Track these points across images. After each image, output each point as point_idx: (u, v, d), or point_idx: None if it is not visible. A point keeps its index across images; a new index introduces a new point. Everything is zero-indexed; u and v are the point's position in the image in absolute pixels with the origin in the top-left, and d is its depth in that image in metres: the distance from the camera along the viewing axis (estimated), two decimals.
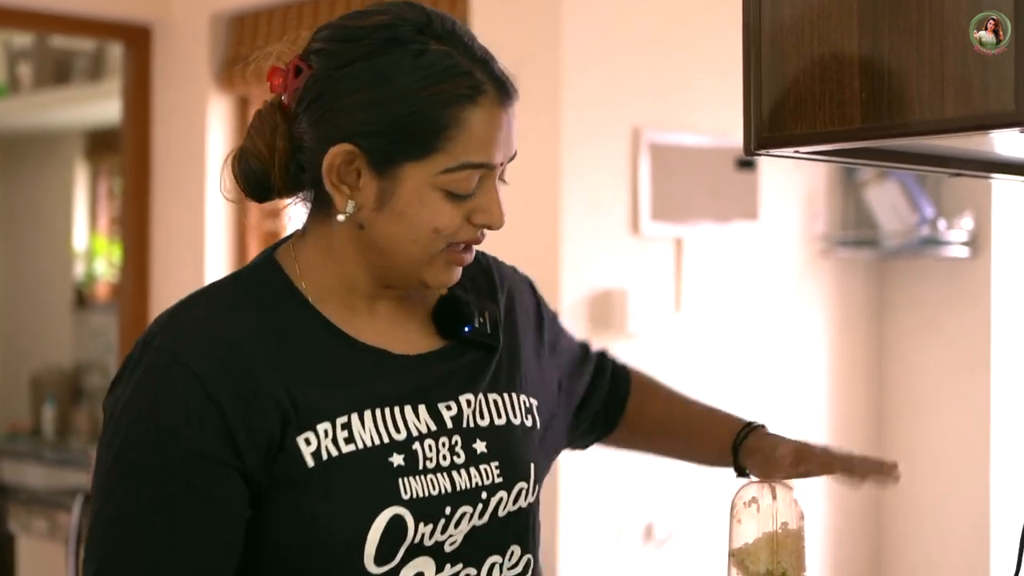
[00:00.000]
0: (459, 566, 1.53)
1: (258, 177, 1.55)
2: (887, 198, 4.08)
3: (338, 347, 1.53)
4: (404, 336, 1.58)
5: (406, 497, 1.48)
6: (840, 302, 4.21)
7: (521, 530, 1.60)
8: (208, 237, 4.60)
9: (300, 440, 1.46)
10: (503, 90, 1.50)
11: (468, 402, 1.58)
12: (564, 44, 3.56)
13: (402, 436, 1.51)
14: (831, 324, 4.19)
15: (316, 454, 1.46)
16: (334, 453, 1.46)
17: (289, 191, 1.57)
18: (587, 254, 3.59)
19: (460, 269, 1.56)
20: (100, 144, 6.61)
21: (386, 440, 1.50)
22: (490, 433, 1.58)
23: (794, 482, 1.76)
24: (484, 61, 1.50)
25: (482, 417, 1.58)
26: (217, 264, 4.60)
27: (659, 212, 3.70)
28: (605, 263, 3.63)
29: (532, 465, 1.62)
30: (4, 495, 5.64)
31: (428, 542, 1.50)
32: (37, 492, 5.40)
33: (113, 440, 1.46)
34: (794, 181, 4.07)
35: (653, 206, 3.69)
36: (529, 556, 1.62)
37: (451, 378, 1.58)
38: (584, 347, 1.90)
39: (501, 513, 1.57)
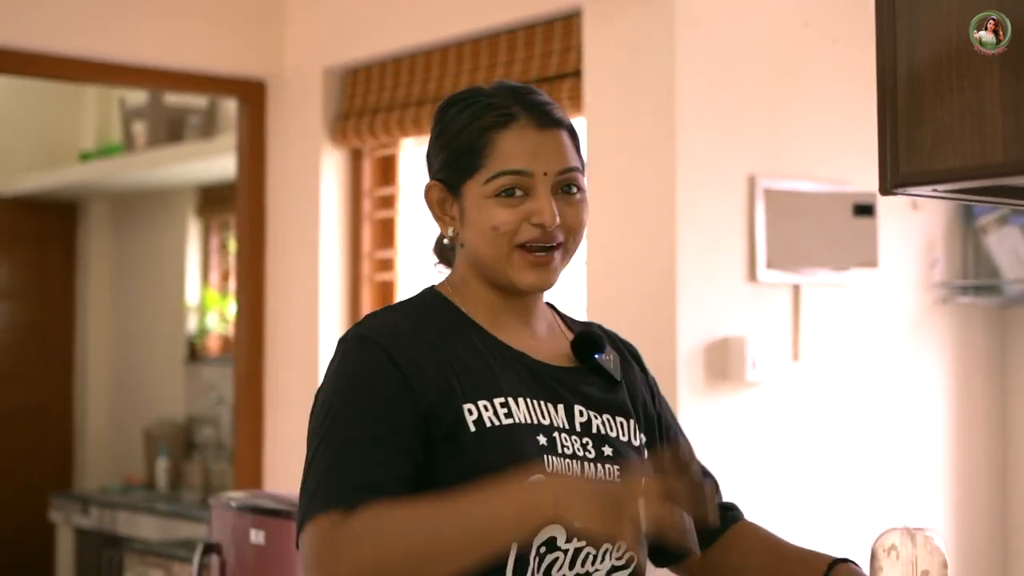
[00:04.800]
0: (583, 543, 1.78)
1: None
2: (1008, 243, 4.00)
3: (490, 346, 1.85)
4: (545, 351, 1.90)
5: (549, 469, 1.76)
6: (960, 350, 4.13)
7: None
8: (322, 289, 4.63)
9: (464, 408, 1.76)
10: (538, 116, 1.85)
11: (596, 415, 1.87)
12: (678, 93, 3.54)
13: (547, 423, 1.81)
14: (951, 372, 4.11)
15: (478, 422, 1.76)
16: (496, 423, 1.76)
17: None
18: (703, 302, 3.56)
19: (548, 273, 1.85)
20: (212, 200, 6.71)
21: (535, 422, 1.80)
22: (616, 443, 1.88)
23: (936, 528, 1.71)
24: (523, 96, 1.86)
25: (611, 430, 1.88)
26: (331, 316, 4.63)
27: (775, 260, 3.66)
28: (722, 311, 3.59)
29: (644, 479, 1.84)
30: (120, 546, 5.70)
31: None
32: (151, 543, 5.44)
33: (323, 402, 1.77)
34: (912, 227, 4.01)
35: (769, 253, 3.65)
36: (633, 554, 1.85)
37: (583, 390, 1.89)
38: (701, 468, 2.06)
39: None
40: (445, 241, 1.93)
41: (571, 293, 4.06)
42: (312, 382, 4.62)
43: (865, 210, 3.78)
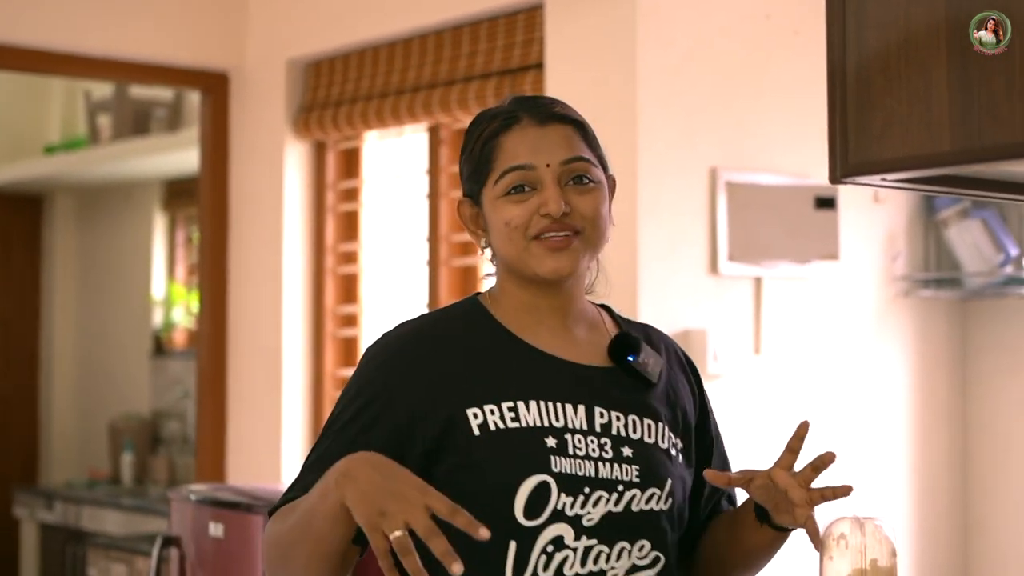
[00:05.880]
0: (593, 540, 1.82)
1: None
2: (969, 237, 4.02)
3: (514, 349, 1.90)
4: (579, 351, 1.93)
5: (556, 470, 1.81)
6: (922, 343, 4.15)
7: (653, 529, 1.87)
8: (285, 282, 4.61)
9: (469, 413, 1.82)
10: (539, 113, 1.91)
11: (619, 416, 1.89)
12: (640, 85, 3.54)
13: (559, 424, 1.84)
14: (913, 365, 4.12)
15: (483, 426, 1.82)
16: (500, 427, 1.82)
17: None
18: (665, 295, 3.56)
19: (567, 257, 1.88)
20: (177, 193, 6.68)
21: (545, 424, 1.84)
22: (638, 445, 1.89)
23: (885, 517, 1.72)
24: (527, 100, 1.95)
25: (634, 431, 1.89)
26: (294, 309, 4.61)
27: (737, 252, 3.66)
28: (683, 304, 3.59)
29: (669, 481, 1.90)
30: (84, 541, 5.67)
31: (569, 512, 1.81)
32: (116, 538, 5.41)
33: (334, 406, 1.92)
34: (874, 220, 4.02)
35: (731, 246, 3.65)
36: (659, 554, 1.87)
37: (609, 392, 1.90)
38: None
39: (635, 508, 1.85)
40: (480, 253, 2.00)
41: None
42: (275, 375, 4.61)
43: (826, 203, 3.79)
